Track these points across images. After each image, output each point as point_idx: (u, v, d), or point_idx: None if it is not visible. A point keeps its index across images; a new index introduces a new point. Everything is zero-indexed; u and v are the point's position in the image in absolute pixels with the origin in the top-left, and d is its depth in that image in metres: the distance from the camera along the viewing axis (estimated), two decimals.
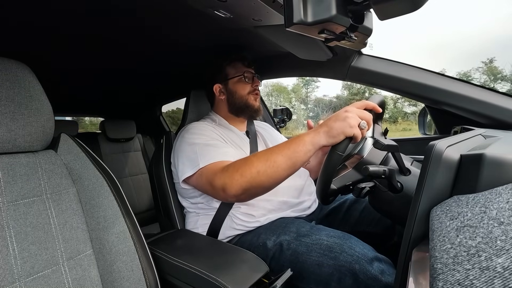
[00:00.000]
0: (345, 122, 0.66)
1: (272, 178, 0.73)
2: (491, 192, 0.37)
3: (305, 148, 0.70)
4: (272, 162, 0.72)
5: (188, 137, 0.93)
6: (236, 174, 0.74)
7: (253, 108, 1.07)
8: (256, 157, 0.75)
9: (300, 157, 0.71)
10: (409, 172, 0.70)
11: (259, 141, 1.09)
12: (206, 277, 0.64)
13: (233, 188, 0.74)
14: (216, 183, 0.78)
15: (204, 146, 0.87)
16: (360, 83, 1.20)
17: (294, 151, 0.71)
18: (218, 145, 0.89)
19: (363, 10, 0.51)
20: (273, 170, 0.72)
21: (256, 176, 0.72)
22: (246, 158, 0.78)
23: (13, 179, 0.58)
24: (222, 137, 0.97)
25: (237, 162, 0.78)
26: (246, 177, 0.73)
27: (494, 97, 0.96)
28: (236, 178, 0.74)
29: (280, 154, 0.72)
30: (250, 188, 0.74)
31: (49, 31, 0.89)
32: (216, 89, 1.09)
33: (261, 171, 0.72)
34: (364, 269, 0.67)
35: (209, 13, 0.76)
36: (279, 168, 0.71)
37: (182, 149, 0.92)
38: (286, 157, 0.71)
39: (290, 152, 0.71)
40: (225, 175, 0.76)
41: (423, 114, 1.37)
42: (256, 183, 0.73)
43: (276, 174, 0.72)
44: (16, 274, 0.53)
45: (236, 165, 0.77)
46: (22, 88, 0.59)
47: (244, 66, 1.08)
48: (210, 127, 0.99)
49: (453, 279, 0.25)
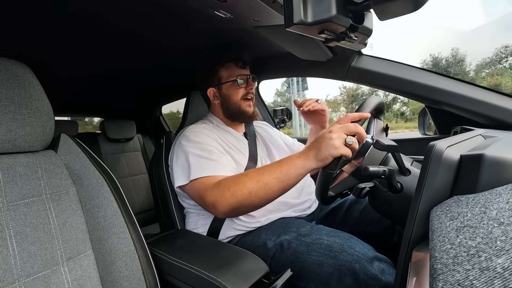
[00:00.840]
0: (329, 145, 0.66)
1: (263, 199, 0.74)
2: (491, 192, 0.37)
3: (296, 172, 0.71)
4: (263, 184, 0.72)
5: (184, 144, 0.91)
6: (227, 193, 0.75)
7: (247, 114, 1.04)
8: (248, 177, 0.75)
9: (292, 180, 0.72)
10: (409, 172, 0.70)
11: (258, 142, 1.08)
12: (206, 277, 0.64)
13: (223, 206, 0.75)
14: (207, 199, 0.79)
15: (197, 157, 0.86)
16: (360, 83, 1.20)
17: (286, 174, 0.72)
18: (212, 156, 0.87)
19: (363, 10, 0.51)
20: (264, 192, 0.73)
21: (247, 197, 0.73)
22: (238, 176, 0.78)
23: (13, 179, 0.58)
24: (220, 141, 0.96)
25: (229, 180, 0.78)
26: (237, 197, 0.74)
27: (494, 97, 0.96)
28: (227, 197, 0.75)
29: (272, 176, 0.72)
30: (240, 207, 0.75)
31: (50, 32, 0.89)
32: (210, 93, 1.06)
33: (252, 192, 0.73)
34: (364, 268, 0.67)
35: (209, 13, 0.76)
36: (270, 190, 0.72)
37: (177, 156, 0.92)
38: (277, 180, 0.72)
39: (282, 175, 0.72)
40: (216, 192, 0.77)
41: (423, 114, 1.37)
42: (247, 203, 0.74)
43: (267, 195, 0.73)
44: (16, 275, 0.53)
45: (228, 184, 0.77)
46: (22, 88, 0.59)
47: (238, 68, 1.04)
48: (207, 131, 0.97)
49: (453, 280, 0.25)
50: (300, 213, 0.99)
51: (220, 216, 0.80)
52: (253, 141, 1.07)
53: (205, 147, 0.89)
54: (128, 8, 0.77)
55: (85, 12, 0.78)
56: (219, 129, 1.04)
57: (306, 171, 0.71)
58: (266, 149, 1.09)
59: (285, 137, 1.27)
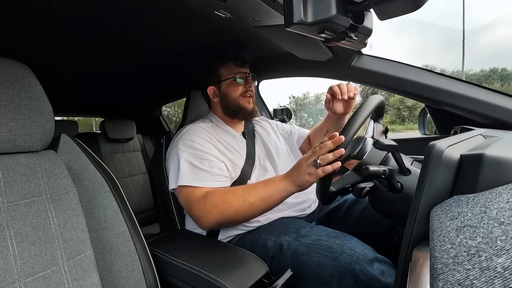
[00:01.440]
0: (305, 173, 0.74)
1: (247, 217, 0.81)
2: (491, 192, 0.37)
3: (280, 195, 0.78)
4: (249, 204, 0.79)
5: (179, 147, 0.92)
6: (214, 210, 0.79)
7: (246, 110, 1.05)
8: (235, 197, 0.80)
9: (275, 202, 0.79)
10: (409, 172, 0.70)
11: (256, 141, 1.09)
12: (206, 277, 0.64)
13: (209, 221, 0.81)
14: (193, 212, 0.83)
15: (188, 165, 0.87)
16: (360, 83, 1.20)
17: (270, 197, 0.78)
18: (204, 165, 0.87)
19: (363, 10, 0.51)
20: (249, 211, 0.79)
21: (233, 215, 0.79)
22: (225, 193, 0.81)
23: (13, 179, 0.58)
24: (216, 142, 0.95)
25: (216, 196, 0.81)
26: (224, 214, 0.79)
27: (494, 97, 0.96)
28: (213, 214, 0.80)
29: (257, 197, 0.79)
30: (225, 223, 0.82)
31: (50, 33, 0.89)
32: (210, 92, 1.08)
33: (238, 211, 0.79)
34: (364, 269, 0.67)
35: (209, 13, 0.76)
36: (255, 210, 0.79)
37: (172, 158, 0.93)
38: (262, 201, 0.78)
39: (266, 197, 0.78)
40: (203, 207, 0.81)
41: (423, 114, 1.37)
42: (232, 219, 0.80)
43: (252, 214, 0.80)
44: (16, 275, 0.53)
45: (215, 201, 0.80)
46: (22, 88, 0.59)
47: (237, 66, 1.06)
48: (205, 132, 0.97)
49: (453, 279, 0.25)
50: (300, 213, 0.99)
51: (204, 228, 0.83)
52: (252, 141, 1.07)
53: (198, 154, 0.89)
54: (128, 9, 0.77)
55: (86, 12, 0.78)
56: (218, 128, 1.04)
57: (288, 194, 0.78)
58: (265, 148, 1.09)
59: (283, 127, 1.27)
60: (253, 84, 1.09)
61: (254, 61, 1.19)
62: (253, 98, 1.09)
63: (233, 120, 1.09)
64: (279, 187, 0.78)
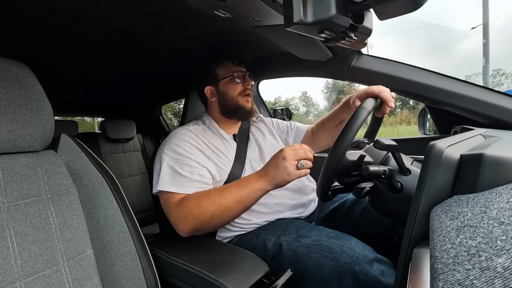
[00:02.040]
0: (284, 172, 0.73)
1: (225, 221, 0.79)
2: (491, 192, 0.37)
3: (256, 195, 0.78)
4: (225, 207, 0.77)
5: (164, 151, 0.91)
6: (190, 216, 0.78)
7: (245, 109, 1.04)
8: (210, 201, 0.78)
9: (251, 201, 0.78)
10: (409, 172, 0.70)
11: (250, 144, 1.06)
12: (206, 277, 0.64)
13: (186, 227, 0.79)
14: (170, 218, 0.83)
15: (169, 169, 0.86)
16: (360, 83, 1.20)
17: (246, 198, 0.77)
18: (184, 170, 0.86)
19: (363, 10, 0.51)
20: (226, 214, 0.78)
21: (210, 219, 0.78)
22: (200, 198, 0.80)
23: (13, 179, 0.58)
24: (203, 146, 0.94)
25: (191, 202, 0.80)
26: (200, 220, 0.78)
27: (494, 97, 0.96)
28: (189, 220, 0.78)
29: (233, 200, 0.77)
30: (203, 228, 0.80)
31: (49, 32, 0.89)
32: (207, 91, 1.06)
33: (214, 215, 0.77)
34: (364, 270, 0.67)
35: (208, 13, 0.76)
36: (232, 212, 0.78)
37: (156, 161, 0.92)
38: (238, 203, 0.77)
39: (242, 199, 0.77)
40: (179, 214, 0.80)
41: (423, 114, 1.37)
42: (209, 224, 0.79)
43: (229, 217, 0.79)
44: (16, 274, 0.53)
45: (190, 206, 0.79)
46: (22, 88, 0.59)
47: (234, 65, 1.04)
48: (192, 135, 0.95)
49: (453, 279, 0.25)
50: (298, 214, 0.98)
51: (182, 235, 0.82)
52: (244, 144, 1.05)
53: (180, 159, 0.88)
54: (128, 8, 0.77)
55: (85, 12, 0.78)
56: (208, 131, 1.03)
57: (264, 192, 0.78)
58: (259, 151, 1.06)
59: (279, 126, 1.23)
60: (251, 82, 1.08)
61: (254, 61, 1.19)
62: (251, 97, 1.07)
63: (229, 121, 1.07)
64: (255, 187, 0.77)
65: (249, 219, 0.90)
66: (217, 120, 1.07)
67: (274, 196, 0.94)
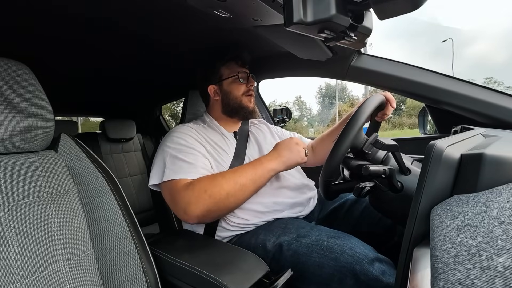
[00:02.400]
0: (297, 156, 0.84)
1: (239, 200, 0.80)
2: (492, 191, 0.37)
3: (268, 174, 0.82)
4: (240, 185, 0.78)
5: (165, 144, 0.91)
6: (204, 194, 0.76)
7: (248, 109, 1.06)
8: (225, 179, 0.78)
9: (264, 181, 0.82)
10: (409, 171, 0.70)
11: (250, 143, 1.07)
12: (207, 277, 0.64)
13: (198, 208, 0.76)
14: (179, 201, 0.79)
15: (174, 159, 0.86)
16: (360, 82, 1.20)
17: (260, 177, 0.81)
18: (189, 158, 0.86)
19: (362, 10, 0.51)
20: (241, 193, 0.79)
21: (225, 198, 0.77)
22: (214, 177, 0.79)
23: (14, 179, 0.58)
24: (204, 141, 0.95)
25: (205, 181, 0.78)
26: (215, 199, 0.76)
27: (494, 97, 0.96)
28: (203, 198, 0.76)
29: (247, 178, 0.80)
30: (215, 209, 0.77)
31: (50, 32, 0.89)
32: (210, 90, 1.07)
33: (230, 193, 0.77)
34: (365, 269, 0.66)
35: (208, 13, 0.76)
36: (246, 191, 0.79)
37: (157, 154, 0.92)
38: (252, 181, 0.80)
39: (256, 177, 0.80)
40: (191, 194, 0.77)
41: (423, 114, 1.37)
42: (223, 205, 0.78)
43: (243, 196, 0.80)
44: (17, 274, 0.53)
45: (203, 185, 0.77)
46: (22, 88, 0.59)
47: (238, 66, 1.07)
48: (193, 131, 0.96)
49: (454, 279, 0.25)
50: (297, 214, 0.98)
51: (190, 221, 0.79)
52: (243, 141, 1.05)
53: (184, 149, 0.88)
54: (128, 8, 0.77)
55: (85, 11, 0.78)
56: (209, 129, 1.04)
57: (275, 173, 0.84)
58: (258, 149, 1.07)
59: (283, 134, 1.25)
60: (254, 83, 1.09)
61: (254, 61, 1.19)
62: (254, 98, 1.09)
63: (231, 120, 1.09)
64: (268, 167, 0.82)
65: (247, 219, 0.90)
66: (218, 119, 1.09)
67: (273, 194, 0.94)
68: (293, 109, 34.90)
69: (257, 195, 0.90)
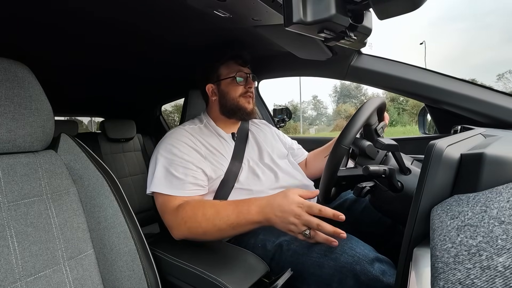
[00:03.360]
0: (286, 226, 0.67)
1: (216, 238, 0.78)
2: (492, 191, 0.37)
3: (252, 227, 0.73)
4: (218, 229, 0.74)
5: (159, 151, 0.91)
6: (184, 226, 0.77)
7: (245, 110, 1.03)
8: (204, 218, 0.76)
9: (244, 231, 0.74)
10: (409, 171, 0.70)
11: (249, 143, 1.06)
12: (207, 276, 0.64)
13: (179, 234, 0.80)
14: (165, 221, 0.83)
15: (164, 171, 0.86)
16: (359, 82, 1.21)
17: (241, 226, 0.73)
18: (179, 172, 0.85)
19: (362, 10, 0.51)
20: (218, 234, 0.76)
21: (202, 235, 0.77)
22: (195, 211, 0.77)
23: (14, 179, 0.58)
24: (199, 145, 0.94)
25: (187, 212, 0.78)
26: (192, 233, 0.78)
27: (494, 96, 0.96)
28: (182, 229, 0.78)
29: (227, 224, 0.73)
30: (195, 238, 0.80)
31: (49, 32, 0.89)
32: (208, 89, 1.06)
33: (207, 233, 0.76)
34: (365, 270, 0.66)
35: (208, 13, 0.76)
36: (224, 234, 0.76)
37: (152, 161, 0.92)
38: (232, 228, 0.73)
39: (237, 226, 0.73)
40: (174, 220, 0.80)
41: (423, 114, 1.37)
42: (201, 238, 0.79)
43: (220, 237, 0.77)
44: (17, 274, 0.53)
45: (185, 216, 0.78)
46: (22, 88, 0.59)
47: (237, 66, 1.04)
48: (189, 135, 0.95)
49: (454, 278, 0.25)
50: None
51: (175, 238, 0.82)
52: (242, 142, 1.04)
53: (175, 160, 0.87)
54: (128, 7, 0.77)
55: (85, 11, 0.78)
56: (205, 130, 1.02)
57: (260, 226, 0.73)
58: (258, 150, 1.06)
59: (285, 139, 1.26)
60: (254, 84, 1.07)
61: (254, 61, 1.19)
62: (253, 99, 1.07)
63: (229, 120, 1.07)
64: (253, 219, 0.72)
65: None
66: (216, 119, 1.07)
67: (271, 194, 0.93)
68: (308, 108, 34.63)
69: (255, 196, 0.89)
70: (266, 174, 0.99)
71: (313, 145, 1.51)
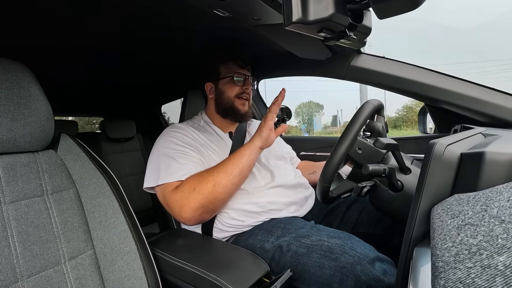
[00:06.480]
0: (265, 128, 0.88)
1: (226, 188, 0.81)
2: (492, 190, 0.37)
3: (246, 152, 0.84)
4: (223, 172, 0.80)
5: (159, 145, 0.92)
6: (194, 192, 0.78)
7: (239, 112, 1.03)
8: (208, 172, 0.81)
9: (245, 160, 0.83)
10: (409, 171, 0.70)
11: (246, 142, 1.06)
12: (207, 276, 0.64)
13: (191, 207, 0.79)
14: (173, 204, 0.82)
15: (168, 160, 0.86)
16: (359, 82, 1.20)
17: (239, 158, 0.83)
18: (182, 159, 0.87)
19: (362, 9, 0.51)
20: (226, 179, 0.80)
21: (212, 190, 0.78)
22: (200, 175, 0.81)
23: (14, 179, 0.58)
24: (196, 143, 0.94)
25: (191, 180, 0.81)
26: (204, 193, 0.78)
27: (494, 96, 0.96)
28: (193, 197, 0.78)
29: (228, 163, 0.82)
30: (208, 204, 0.80)
31: (49, 31, 0.89)
32: (207, 87, 1.07)
33: (216, 183, 0.79)
34: (366, 269, 0.66)
35: (208, 12, 0.76)
36: (231, 175, 0.80)
37: (152, 156, 0.92)
38: (233, 164, 0.82)
39: (235, 160, 0.82)
40: (181, 195, 0.80)
41: (422, 113, 1.37)
42: (213, 197, 0.79)
43: (229, 182, 0.80)
44: (18, 274, 0.53)
45: (192, 184, 0.80)
46: (22, 88, 0.59)
47: (237, 66, 1.04)
48: (187, 129, 0.96)
49: (454, 277, 0.25)
50: (293, 213, 0.96)
51: (189, 222, 0.82)
52: (240, 141, 1.04)
53: (177, 148, 0.89)
54: (127, 8, 0.77)
55: (84, 11, 0.78)
56: (202, 129, 1.03)
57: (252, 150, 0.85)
58: None
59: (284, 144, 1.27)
60: (251, 87, 1.07)
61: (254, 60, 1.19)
62: (249, 102, 1.06)
63: (224, 120, 1.07)
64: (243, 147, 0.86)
65: (242, 220, 0.88)
66: (213, 118, 1.08)
67: (267, 194, 0.93)
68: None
69: (252, 196, 0.90)
70: (262, 173, 0.99)
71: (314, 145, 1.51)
